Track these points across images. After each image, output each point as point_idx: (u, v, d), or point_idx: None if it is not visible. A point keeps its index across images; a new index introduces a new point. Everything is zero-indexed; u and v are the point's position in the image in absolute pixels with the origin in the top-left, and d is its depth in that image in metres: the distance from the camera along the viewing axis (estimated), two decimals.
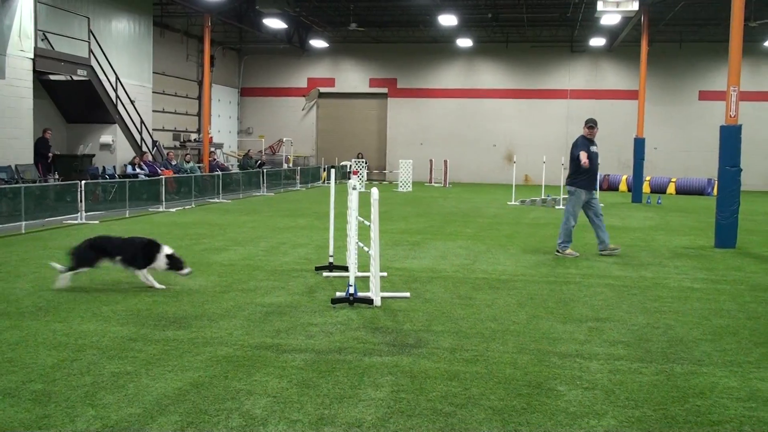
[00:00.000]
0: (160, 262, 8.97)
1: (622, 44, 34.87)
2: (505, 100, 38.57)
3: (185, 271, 9.09)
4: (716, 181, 14.32)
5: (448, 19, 30.90)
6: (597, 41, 34.73)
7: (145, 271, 9.02)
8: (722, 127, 14.25)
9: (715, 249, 13.86)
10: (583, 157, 12.04)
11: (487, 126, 38.82)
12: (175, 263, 9.01)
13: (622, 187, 32.90)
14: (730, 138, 14.11)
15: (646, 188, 31.21)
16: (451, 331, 7.24)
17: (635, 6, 25.09)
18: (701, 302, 8.92)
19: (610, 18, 27.30)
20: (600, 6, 25.14)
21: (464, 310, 8.19)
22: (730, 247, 13.94)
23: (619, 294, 9.28)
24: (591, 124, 12.52)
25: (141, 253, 8.97)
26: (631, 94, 34.33)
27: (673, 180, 32.76)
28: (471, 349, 6.63)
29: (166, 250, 9.03)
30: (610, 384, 5.73)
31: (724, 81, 14.46)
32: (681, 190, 32.09)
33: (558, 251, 12.51)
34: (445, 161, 35.21)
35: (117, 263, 9.02)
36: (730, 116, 14.18)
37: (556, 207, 22.89)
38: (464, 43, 36.64)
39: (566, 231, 12.44)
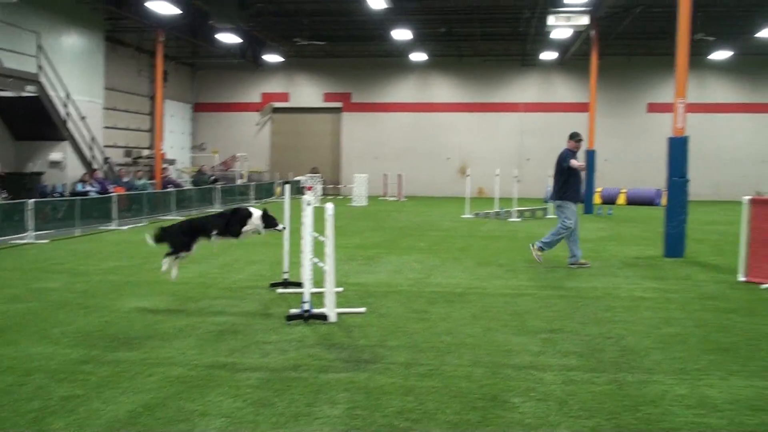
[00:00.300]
0: (257, 221, 9.37)
1: (573, 58, 35.45)
2: (459, 113, 38.89)
3: (280, 227, 9.62)
4: (665, 192, 14.59)
5: (401, 34, 31.11)
6: (548, 55, 35.27)
7: (242, 236, 9.40)
8: (670, 139, 14.54)
9: (664, 258, 14.12)
10: (575, 162, 12.54)
11: (441, 139, 39.07)
12: (269, 221, 9.46)
13: None
14: (678, 149, 14.40)
15: (597, 199, 31.64)
16: (407, 346, 7.25)
17: (585, 20, 25.60)
18: (651, 311, 9.08)
19: (560, 32, 27.76)
20: (551, 20, 25.58)
21: (419, 325, 8.21)
22: (679, 256, 14.20)
23: (571, 305, 9.40)
24: (579, 138, 12.92)
25: (234, 219, 9.36)
26: (582, 107, 34.84)
27: (623, 191, 33.35)
28: (426, 363, 6.65)
29: (257, 212, 9.48)
30: (564, 395, 5.79)
31: (672, 93, 14.80)
32: (631, 201, 32.67)
33: (534, 245, 13.12)
34: (400, 175, 35.34)
35: (214, 238, 9.33)
36: (678, 128, 14.47)
37: (509, 220, 23.10)
38: (418, 57, 36.91)
39: (554, 238, 12.87)
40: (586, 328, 8.07)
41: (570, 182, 12.68)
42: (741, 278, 11.41)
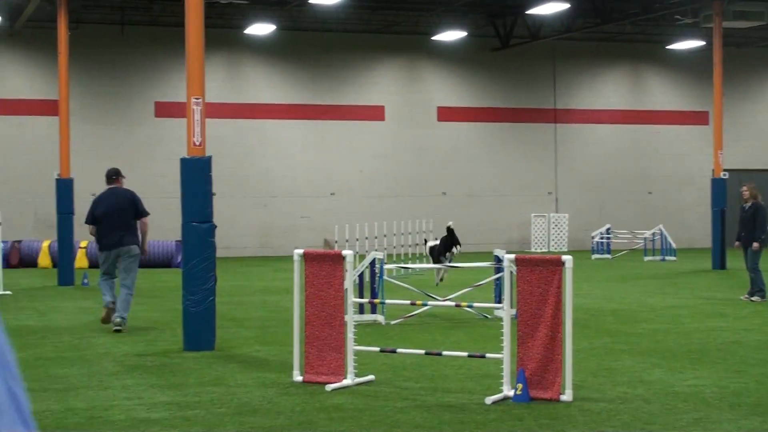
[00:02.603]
0: None
1: (32, 26, 35.22)
2: None
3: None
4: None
5: None
6: None
7: None
8: (183, 161, 15.24)
9: (184, 353, 14.65)
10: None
11: None
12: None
13: (44, 260, 33.26)
14: (195, 177, 15.09)
15: (81, 260, 31.45)
16: None
17: None
18: None
19: None
20: None
21: None
22: (207, 348, 14.74)
23: None
24: (123, 176, 17.74)
25: None
26: (52, 107, 34.58)
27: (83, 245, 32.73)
28: None
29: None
30: None
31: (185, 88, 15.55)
32: (142, 262, 32.98)
33: (120, 321, 16.62)
34: None
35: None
36: (194, 144, 15.13)
37: None
38: None
39: (131, 298, 17.17)
40: None
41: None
42: (298, 377, 12.28)
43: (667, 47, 43.16)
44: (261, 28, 37.50)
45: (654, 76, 45.31)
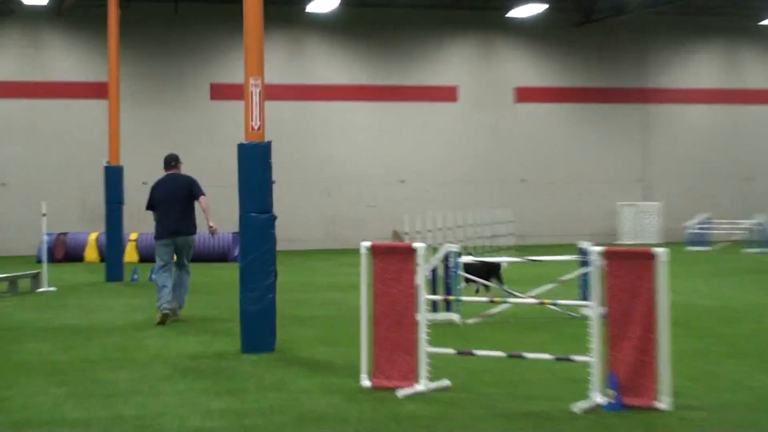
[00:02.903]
0: None
1: (80, 5, 35.38)
2: None
3: None
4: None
5: None
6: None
7: None
8: (240, 147, 15.01)
9: (242, 355, 14.42)
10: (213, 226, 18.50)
11: None
12: None
13: (92, 254, 33.30)
14: (255, 163, 14.85)
15: (131, 254, 31.38)
16: None
17: None
18: None
19: None
20: None
21: None
22: (267, 350, 14.56)
23: None
24: (181, 162, 18.64)
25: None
26: (99, 90, 34.59)
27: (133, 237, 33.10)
28: None
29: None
30: None
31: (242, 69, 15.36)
32: (196, 256, 32.89)
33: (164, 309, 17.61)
34: None
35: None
36: (253, 128, 14.92)
37: None
38: None
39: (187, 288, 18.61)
40: None
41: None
42: (365, 383, 12.07)
43: (761, 23, 42.68)
44: (324, 4, 37.65)
45: (750, 52, 45.36)
